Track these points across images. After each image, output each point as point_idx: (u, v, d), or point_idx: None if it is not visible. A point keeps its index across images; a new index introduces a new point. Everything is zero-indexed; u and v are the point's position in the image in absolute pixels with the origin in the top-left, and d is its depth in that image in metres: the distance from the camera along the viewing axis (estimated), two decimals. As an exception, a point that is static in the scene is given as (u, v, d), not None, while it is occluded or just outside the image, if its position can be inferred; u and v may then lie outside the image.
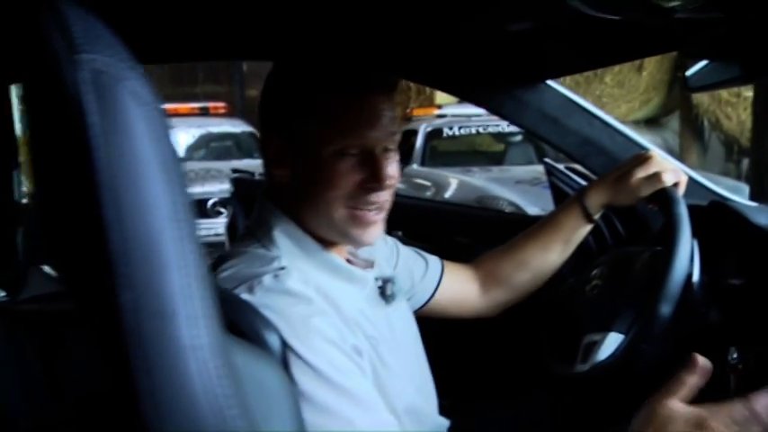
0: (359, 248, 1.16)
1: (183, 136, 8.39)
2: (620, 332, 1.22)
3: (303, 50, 1.04)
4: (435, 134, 6.41)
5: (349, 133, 1.00)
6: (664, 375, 1.34)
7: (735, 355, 1.21)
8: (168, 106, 8.98)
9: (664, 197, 1.24)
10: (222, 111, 9.11)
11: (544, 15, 1.15)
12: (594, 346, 1.24)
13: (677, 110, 8.15)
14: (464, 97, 1.56)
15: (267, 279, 0.96)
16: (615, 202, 1.33)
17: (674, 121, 8.50)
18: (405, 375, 1.09)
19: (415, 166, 6.22)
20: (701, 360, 0.83)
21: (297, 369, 0.90)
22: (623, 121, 6.42)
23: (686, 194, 1.45)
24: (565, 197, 1.55)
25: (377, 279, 1.14)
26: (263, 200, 1.09)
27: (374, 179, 1.02)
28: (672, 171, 1.26)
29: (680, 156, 7.93)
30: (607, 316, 1.25)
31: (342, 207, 1.02)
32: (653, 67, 7.59)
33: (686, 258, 1.16)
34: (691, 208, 1.40)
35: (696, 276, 1.19)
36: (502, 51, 1.41)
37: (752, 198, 4.93)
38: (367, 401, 0.93)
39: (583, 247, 1.51)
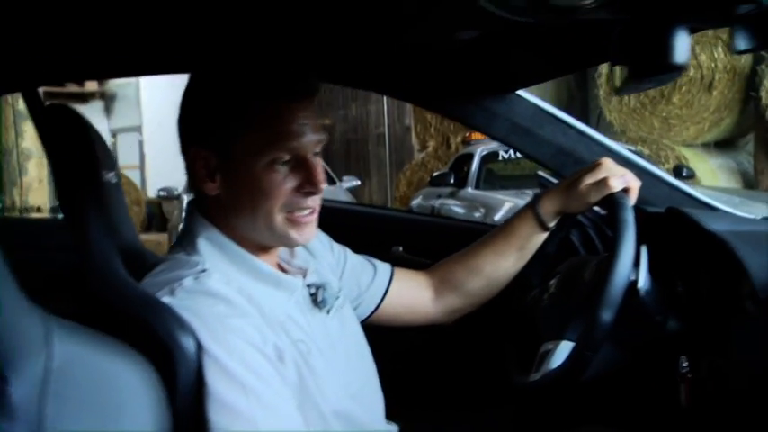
0: (294, 248, 1.19)
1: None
2: (571, 340, 1.21)
3: (227, 60, 1.08)
4: (491, 157, 6.40)
5: (280, 142, 1.03)
6: (620, 384, 1.32)
7: (685, 365, 1.18)
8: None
9: (611, 203, 1.23)
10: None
11: (483, 23, 1.16)
12: (548, 354, 1.23)
13: (752, 131, 7.81)
14: (433, 109, 1.58)
15: (187, 281, 1.00)
16: (568, 209, 1.33)
17: (751, 144, 8.14)
18: (336, 381, 1.11)
19: (469, 190, 6.21)
20: None
21: (209, 369, 0.93)
22: (692, 144, 6.16)
23: (665, 200, 1.43)
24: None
25: (309, 286, 1.17)
26: (191, 211, 1.12)
27: (310, 184, 1.06)
28: (620, 177, 1.25)
29: (754, 179, 7.58)
30: (559, 324, 1.24)
31: (280, 214, 1.06)
32: (724, 86, 7.28)
33: (628, 264, 1.14)
34: (649, 215, 1.38)
35: (643, 282, 1.17)
36: (467, 61, 1.43)
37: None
38: (275, 405, 0.95)
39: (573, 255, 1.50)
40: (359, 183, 9.38)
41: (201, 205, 1.11)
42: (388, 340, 1.36)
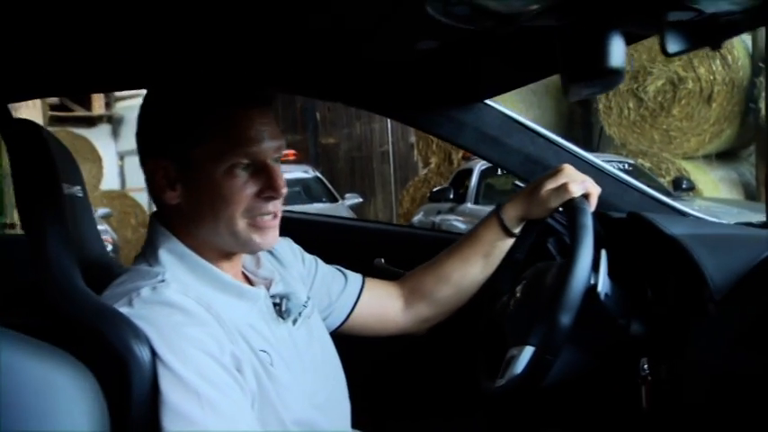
0: (259, 257, 1.20)
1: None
2: (533, 345, 1.22)
3: (182, 70, 1.10)
4: (489, 172, 6.42)
5: (239, 148, 1.05)
6: (586, 388, 1.32)
7: (645, 367, 1.18)
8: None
9: (570, 208, 1.24)
10: (292, 157, 9.42)
11: (437, 33, 1.18)
12: (513, 360, 1.24)
13: (753, 142, 7.80)
14: (400, 119, 1.60)
15: (145, 291, 1.01)
16: (530, 215, 1.34)
17: (753, 155, 8.11)
18: (300, 391, 1.11)
19: (468, 205, 6.23)
20: None
21: (163, 378, 0.94)
22: (693, 156, 6.14)
23: (635, 206, 1.44)
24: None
25: (273, 296, 1.17)
26: (153, 223, 1.13)
27: (271, 188, 1.07)
28: (580, 182, 1.27)
29: (756, 190, 7.56)
30: (524, 330, 1.25)
31: (242, 219, 1.07)
32: (723, 98, 7.29)
33: (586, 268, 1.14)
34: (613, 221, 1.39)
35: (602, 286, 1.17)
36: (432, 71, 1.44)
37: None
38: (231, 414, 0.95)
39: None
40: (361, 200, 9.42)
41: (163, 216, 1.12)
42: (359, 351, 1.37)
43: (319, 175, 9.35)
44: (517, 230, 1.36)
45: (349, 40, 1.18)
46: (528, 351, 1.22)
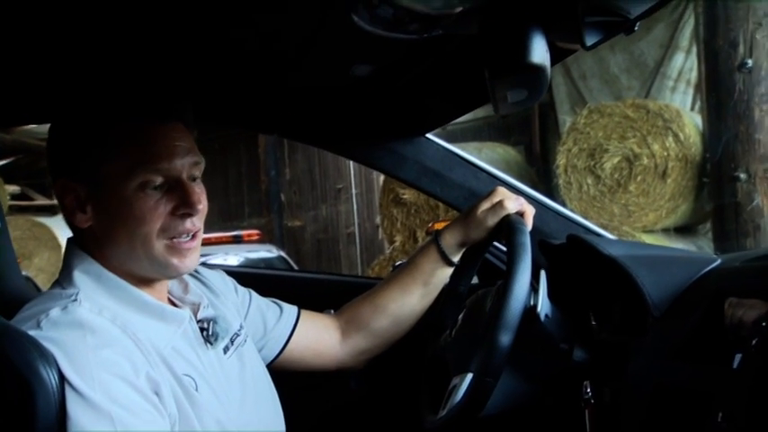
0: (186, 282, 1.16)
1: (221, 261, 8.59)
2: (473, 371, 1.18)
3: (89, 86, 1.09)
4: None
5: (148, 164, 1.02)
6: (531, 418, 1.28)
7: (588, 390, 1.15)
8: (205, 236, 9.35)
9: (506, 227, 1.23)
10: (255, 237, 9.36)
11: (371, 55, 1.19)
12: (454, 389, 1.20)
13: (709, 218, 7.94)
14: (339, 152, 1.59)
15: (54, 312, 0.96)
16: (468, 239, 1.33)
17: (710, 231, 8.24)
18: (226, 419, 1.06)
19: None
20: None
21: (71, 402, 0.89)
22: (652, 230, 6.20)
23: (561, 232, 1.44)
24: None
25: (200, 321, 1.13)
26: (69, 246, 1.09)
27: (185, 205, 1.03)
28: (514, 199, 1.27)
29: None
30: (465, 357, 1.21)
31: (158, 240, 1.03)
32: (677, 174, 7.49)
33: (524, 286, 1.12)
34: (553, 247, 1.38)
35: (542, 307, 1.15)
36: (372, 103, 1.45)
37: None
38: None
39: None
40: (324, 277, 9.36)
41: (79, 240, 1.09)
42: (301, 391, 1.32)
43: (283, 254, 9.29)
44: (456, 258, 1.35)
45: (278, 63, 1.17)
46: (469, 378, 1.17)
